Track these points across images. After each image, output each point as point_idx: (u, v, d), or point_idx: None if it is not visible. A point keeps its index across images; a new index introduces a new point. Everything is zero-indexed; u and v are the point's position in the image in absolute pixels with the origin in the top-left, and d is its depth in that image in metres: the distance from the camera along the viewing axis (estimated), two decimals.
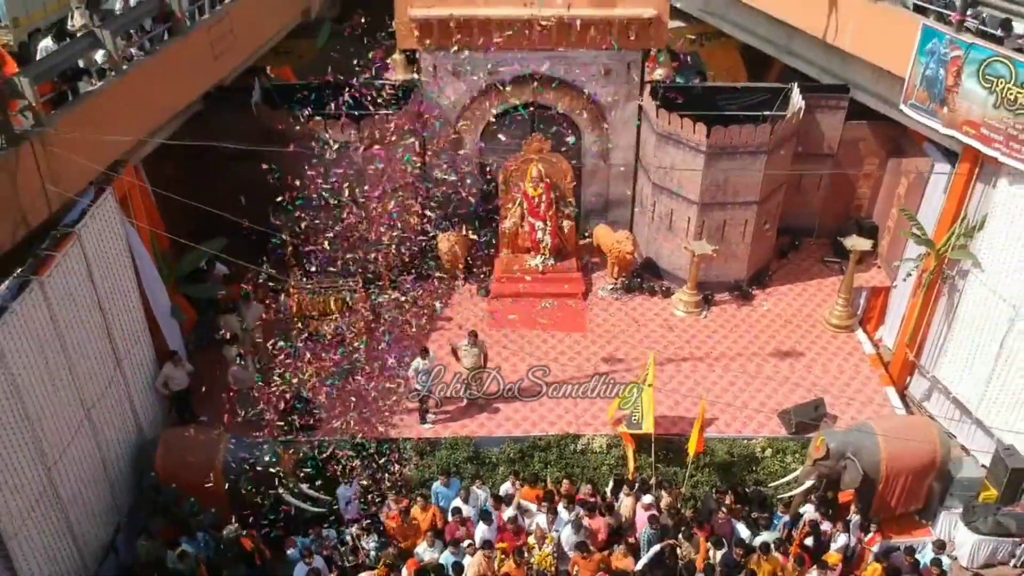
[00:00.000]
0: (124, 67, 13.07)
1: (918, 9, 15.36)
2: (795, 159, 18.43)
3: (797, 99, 17.56)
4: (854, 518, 13.45)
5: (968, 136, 14.63)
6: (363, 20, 24.44)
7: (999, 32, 14.06)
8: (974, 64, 14.13)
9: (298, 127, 16.56)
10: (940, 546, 13.25)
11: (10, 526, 10.83)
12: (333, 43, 24.65)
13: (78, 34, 13.31)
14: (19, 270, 11.40)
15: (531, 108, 18.13)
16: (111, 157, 12.95)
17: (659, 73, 18.07)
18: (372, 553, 12.79)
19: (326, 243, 14.82)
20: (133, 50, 13.37)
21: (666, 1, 17.32)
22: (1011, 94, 13.64)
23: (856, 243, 17.02)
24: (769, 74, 21.69)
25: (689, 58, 21.03)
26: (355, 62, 17.99)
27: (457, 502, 13.60)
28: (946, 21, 14.67)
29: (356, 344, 14.96)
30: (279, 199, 15.28)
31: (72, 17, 14.29)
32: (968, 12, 14.29)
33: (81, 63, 13.04)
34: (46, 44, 13.02)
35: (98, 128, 12.41)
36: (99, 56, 12.88)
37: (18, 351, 10.89)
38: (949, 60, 14.53)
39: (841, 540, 13.36)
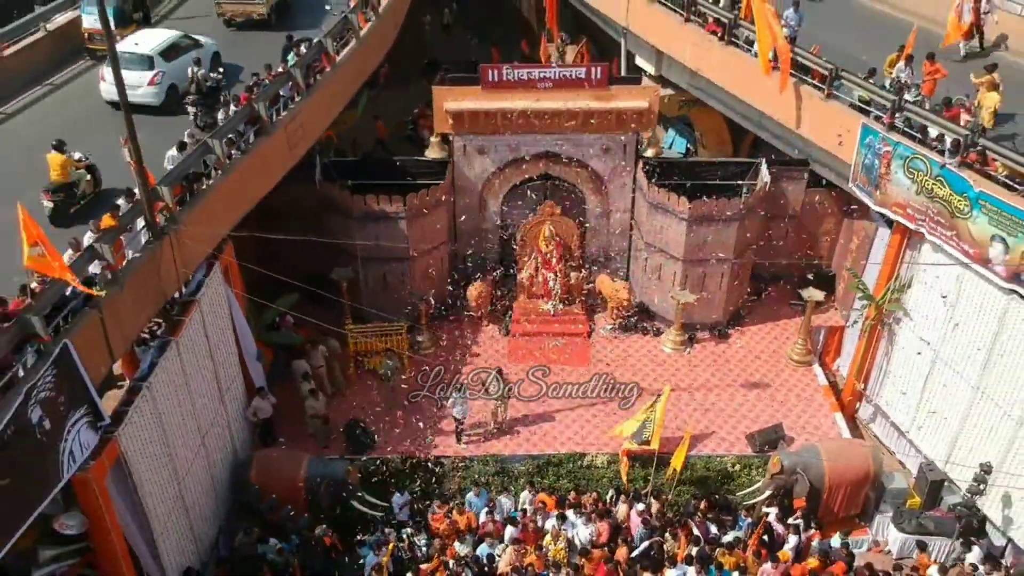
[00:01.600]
0: (227, 162, 16.53)
1: (860, 109, 18.76)
2: (765, 218, 21.86)
3: (764, 173, 20.99)
4: (800, 521, 16.86)
5: (897, 214, 18.05)
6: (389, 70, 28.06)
7: (919, 135, 17.52)
8: (900, 159, 17.56)
9: (353, 199, 20.13)
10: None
11: (158, 526, 14.28)
12: (370, 104, 28.31)
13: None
14: (161, 331, 14.92)
15: (544, 179, 21.62)
16: (218, 238, 16.41)
17: (649, 152, 21.50)
18: (424, 549, 16.24)
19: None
20: (233, 151, 16.79)
21: (656, 95, 20.83)
22: (928, 185, 17.06)
23: (812, 294, 20.46)
24: (749, 135, 25.09)
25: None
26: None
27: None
28: (880, 121, 18.11)
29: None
30: None
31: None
32: (896, 116, 17.74)
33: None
34: (171, 154, 16.40)
35: (210, 217, 15.83)
36: (210, 159, 16.30)
37: (163, 396, 14.36)
38: (882, 153, 17.96)
39: (792, 541, 16.75)
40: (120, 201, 14.41)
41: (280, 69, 19.08)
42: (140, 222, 14.43)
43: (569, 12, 30.18)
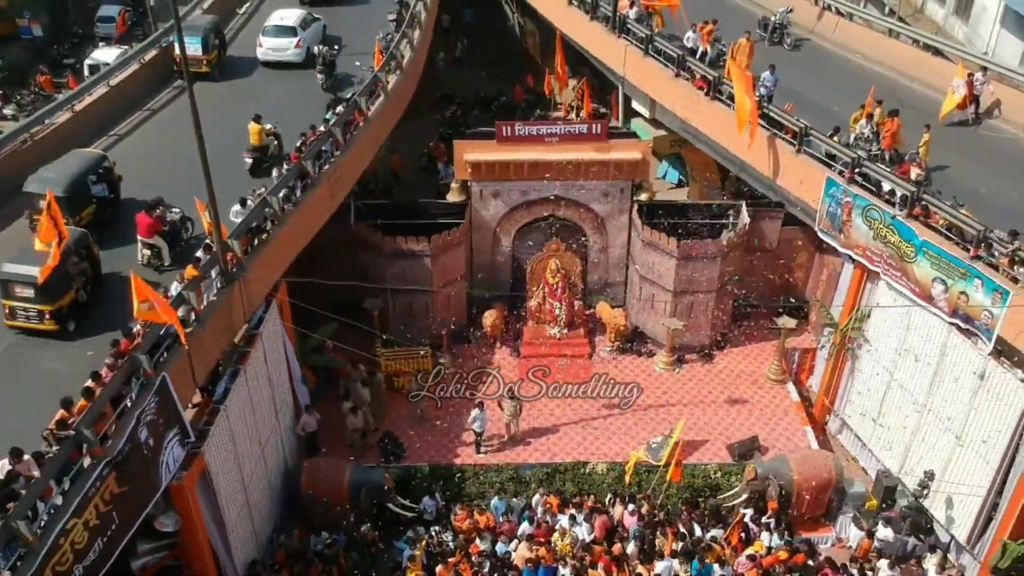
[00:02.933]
0: (282, 214, 19.22)
1: (825, 163, 21.44)
2: (745, 253, 24.58)
3: (745, 216, 23.70)
4: (772, 520, 19.56)
5: (858, 255, 20.76)
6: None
7: (875, 188, 20.22)
8: (859, 208, 20.27)
9: (384, 239, 22.87)
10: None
11: (230, 524, 16.97)
12: (390, 144, 30.94)
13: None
14: (233, 361, 17.65)
15: (550, 219, 24.39)
16: (275, 279, 19.13)
17: (643, 196, 24.23)
18: (450, 544, 18.95)
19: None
20: (286, 205, 19.49)
21: (648, 148, 23.54)
22: (882, 232, 19.78)
23: (785, 322, 23.16)
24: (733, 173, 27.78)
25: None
26: None
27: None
28: (843, 175, 20.80)
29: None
30: None
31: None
32: (855, 171, 20.45)
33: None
34: (236, 208, 19.09)
35: (269, 263, 18.54)
36: (268, 213, 18.99)
37: (235, 417, 17.09)
38: (844, 203, 20.70)
39: (765, 536, 19.46)
40: (199, 253, 17.09)
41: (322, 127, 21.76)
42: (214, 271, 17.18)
43: (571, 48, 32.77)
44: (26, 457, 12.72)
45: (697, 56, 26.30)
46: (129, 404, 14.18)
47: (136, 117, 24.75)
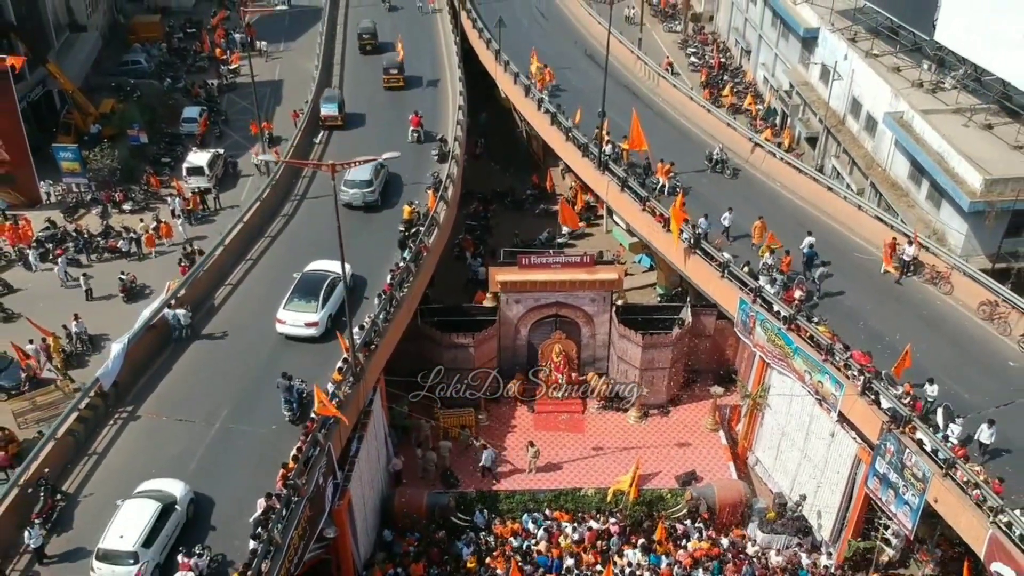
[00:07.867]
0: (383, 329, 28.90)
1: (740, 286, 31.12)
2: (691, 339, 34.33)
3: (688, 315, 33.51)
4: (702, 525, 29.30)
5: (759, 352, 30.55)
6: None
7: (768, 307, 29.97)
8: (760, 320, 30.04)
9: (442, 336, 32.65)
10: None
11: (359, 531, 26.68)
12: None
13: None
14: (359, 429, 27.38)
15: (555, 316, 34.17)
16: (378, 373, 28.86)
17: (619, 302, 34.02)
18: (492, 543, 28.64)
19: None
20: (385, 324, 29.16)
21: (623, 270, 33.33)
22: (772, 338, 29.55)
23: (715, 390, 32.91)
24: None
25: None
26: None
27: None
28: (749, 295, 30.51)
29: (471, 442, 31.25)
30: None
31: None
32: (756, 296, 30.19)
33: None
34: (356, 330, 28.74)
35: (377, 363, 28.23)
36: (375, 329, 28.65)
37: (362, 464, 26.85)
38: (751, 315, 30.48)
39: (695, 535, 29.19)
40: (340, 363, 26.78)
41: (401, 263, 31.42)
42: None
43: None
44: (272, 497, 22.40)
45: (657, 189, 36.14)
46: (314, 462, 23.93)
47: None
